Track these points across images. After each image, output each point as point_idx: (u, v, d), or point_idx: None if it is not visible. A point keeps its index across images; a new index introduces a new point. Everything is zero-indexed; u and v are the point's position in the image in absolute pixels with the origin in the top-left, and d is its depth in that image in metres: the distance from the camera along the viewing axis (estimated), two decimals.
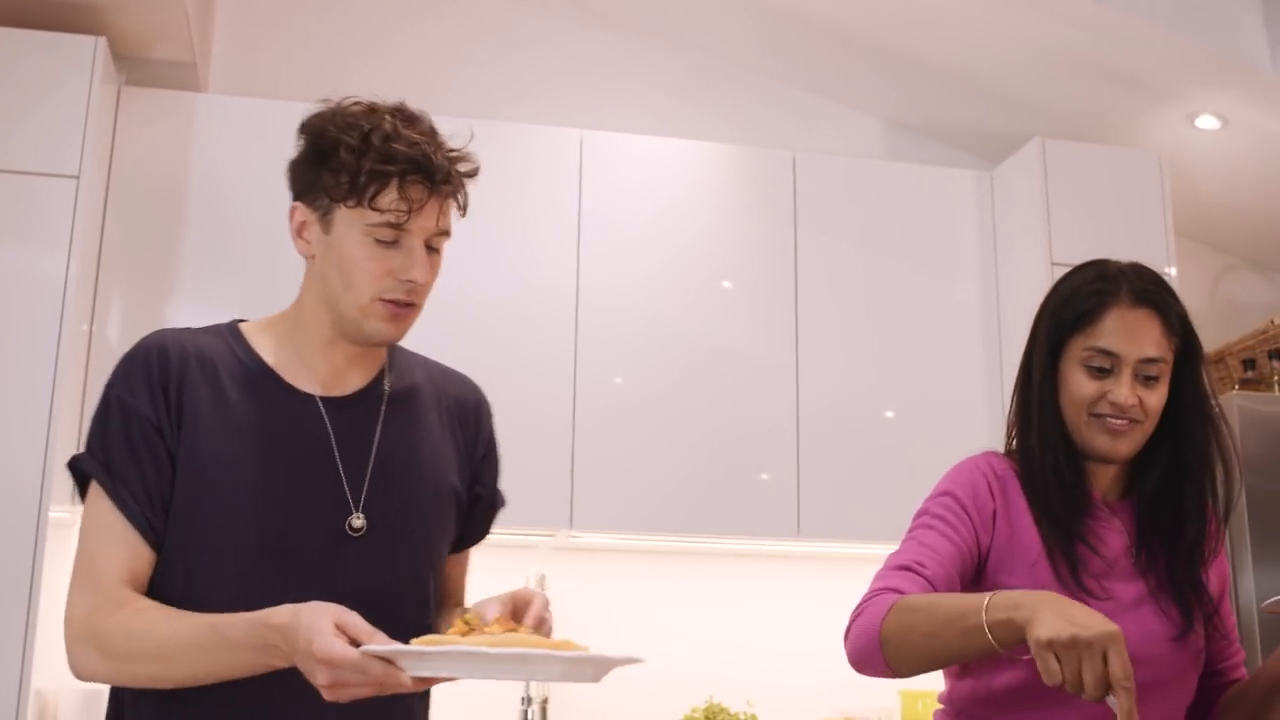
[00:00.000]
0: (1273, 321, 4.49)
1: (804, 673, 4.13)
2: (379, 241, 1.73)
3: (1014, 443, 2.04)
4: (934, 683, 2.05)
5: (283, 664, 1.51)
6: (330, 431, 1.78)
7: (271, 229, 3.78)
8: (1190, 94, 4.24)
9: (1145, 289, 1.96)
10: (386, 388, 1.87)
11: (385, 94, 4.38)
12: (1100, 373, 1.93)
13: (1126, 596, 1.92)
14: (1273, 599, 1.91)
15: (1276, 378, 4.34)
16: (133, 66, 3.88)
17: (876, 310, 4.20)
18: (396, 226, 1.72)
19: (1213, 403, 1.99)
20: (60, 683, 3.54)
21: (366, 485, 1.78)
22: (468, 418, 1.95)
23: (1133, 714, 1.50)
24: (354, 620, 1.46)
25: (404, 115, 1.79)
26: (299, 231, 1.83)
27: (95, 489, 1.71)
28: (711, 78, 4.68)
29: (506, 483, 2.00)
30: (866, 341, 4.17)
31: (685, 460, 3.93)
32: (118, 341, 3.65)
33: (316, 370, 1.82)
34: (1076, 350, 1.96)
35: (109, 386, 1.75)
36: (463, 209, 1.82)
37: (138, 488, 1.69)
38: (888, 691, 3.92)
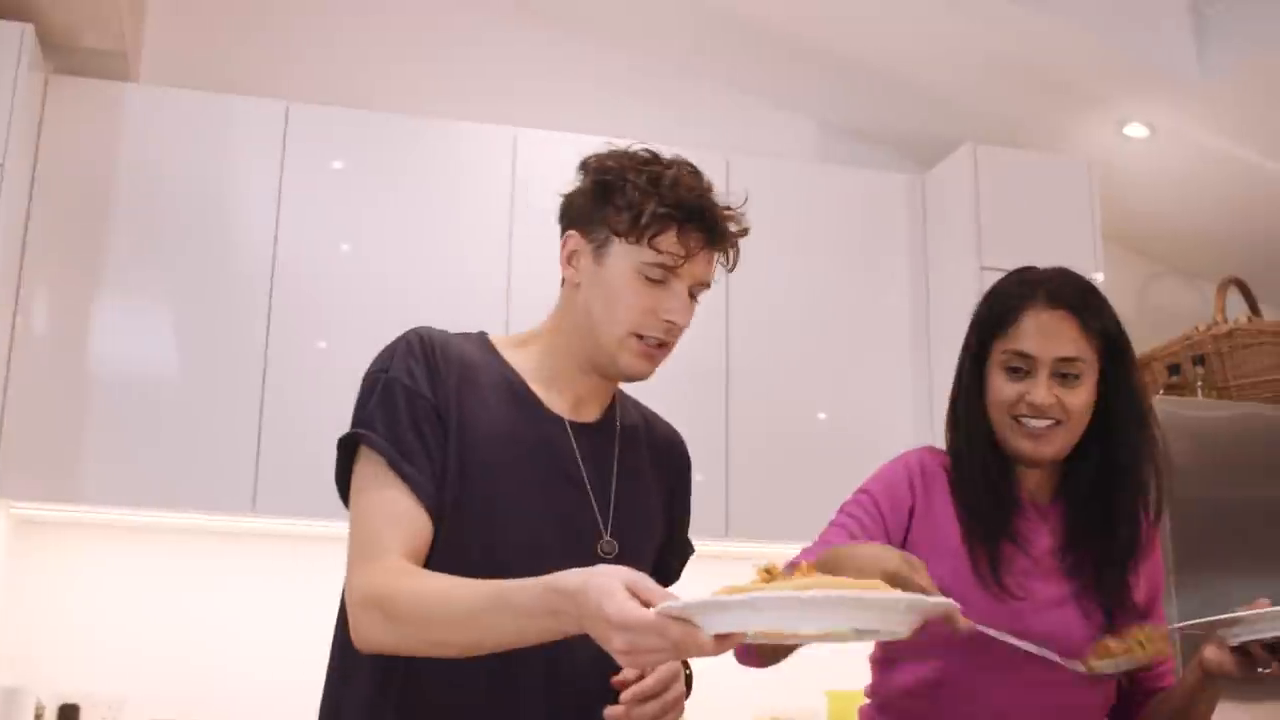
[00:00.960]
0: (1197, 328, 4.55)
1: (732, 672, 4.13)
2: (649, 280, 1.81)
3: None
4: (861, 682, 2.06)
5: (572, 630, 1.46)
6: (579, 455, 1.86)
7: (201, 222, 3.75)
8: (1119, 102, 4.29)
9: (1061, 291, 1.99)
10: (619, 422, 1.96)
11: (318, 87, 4.36)
12: (1018, 374, 1.96)
13: (1046, 595, 1.93)
14: (1186, 623, 1.92)
15: (1199, 383, 4.40)
16: (61, 55, 3.82)
17: (808, 312, 4.21)
18: (669, 268, 1.80)
19: (1144, 405, 2.01)
20: None
21: (613, 510, 1.85)
22: (675, 465, 2.05)
23: None
24: (646, 582, 1.40)
25: (690, 168, 1.87)
26: (569, 259, 1.88)
27: (374, 465, 1.74)
28: (648, 78, 4.68)
29: None
30: (798, 343, 4.18)
31: None
32: (44, 332, 3.60)
33: (564, 394, 1.90)
34: (997, 353, 2.00)
35: (381, 370, 1.81)
36: (731, 266, 1.91)
37: (424, 465, 1.73)
38: (814, 691, 3.94)
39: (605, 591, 1.38)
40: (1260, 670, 1.80)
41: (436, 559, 1.73)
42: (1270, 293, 4.95)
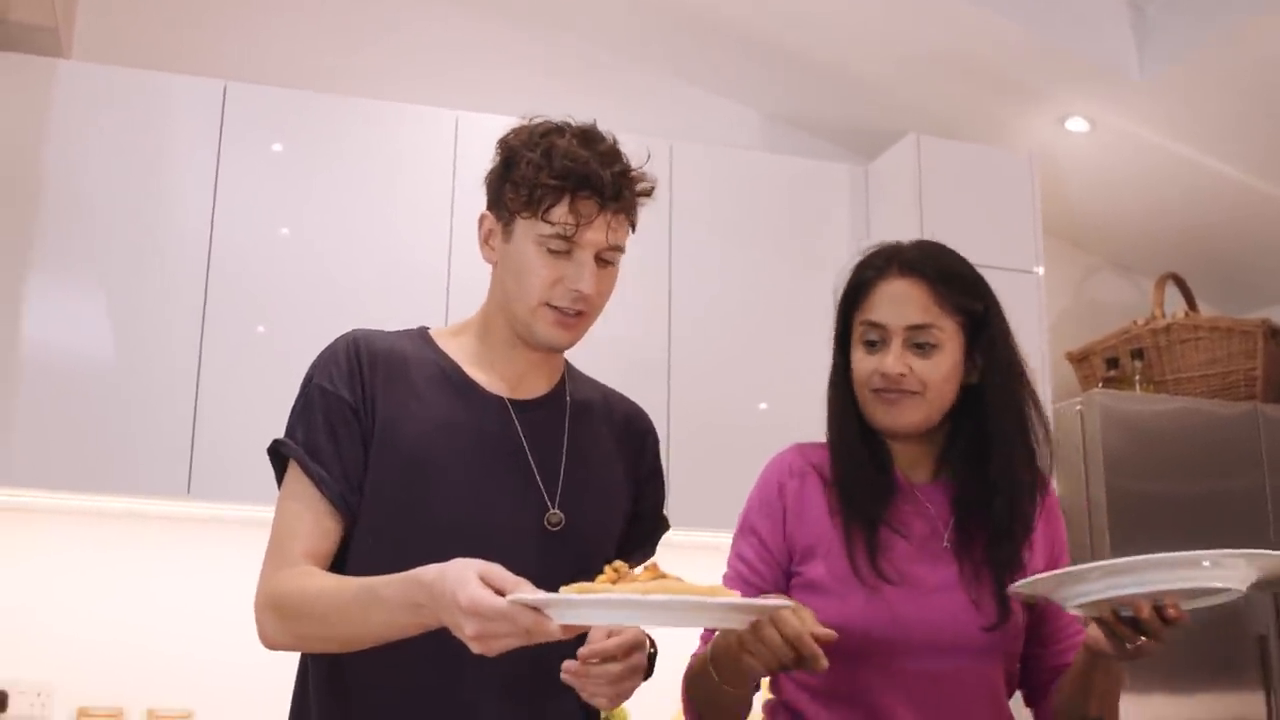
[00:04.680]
0: (1135, 322, 4.59)
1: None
2: (551, 251, 1.82)
3: None
4: None
5: (433, 623, 1.52)
6: (520, 432, 1.88)
7: (136, 203, 3.69)
8: (1060, 97, 4.32)
9: (915, 260, 1.96)
10: (569, 396, 1.99)
11: (257, 67, 4.29)
12: (873, 346, 1.95)
13: (932, 581, 1.88)
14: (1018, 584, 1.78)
15: (1137, 377, 4.44)
16: None
17: (750, 301, 4.20)
18: (566, 238, 1.81)
19: (1016, 373, 1.96)
20: None
21: (561, 483, 1.88)
22: (635, 439, 2.06)
23: None
24: (498, 571, 1.46)
25: (584, 134, 1.87)
26: (486, 239, 1.93)
27: (293, 469, 1.81)
28: (591, 64, 4.65)
29: None
30: (740, 333, 4.17)
31: None
32: None
33: (502, 373, 1.93)
34: (856, 327, 1.99)
35: (308, 379, 1.87)
36: (632, 226, 1.90)
37: (334, 466, 1.79)
38: None
39: (459, 580, 1.45)
40: (1128, 646, 1.70)
41: (379, 549, 1.77)
42: (1207, 288, 5.01)
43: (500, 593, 1.44)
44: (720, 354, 4.13)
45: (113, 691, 3.72)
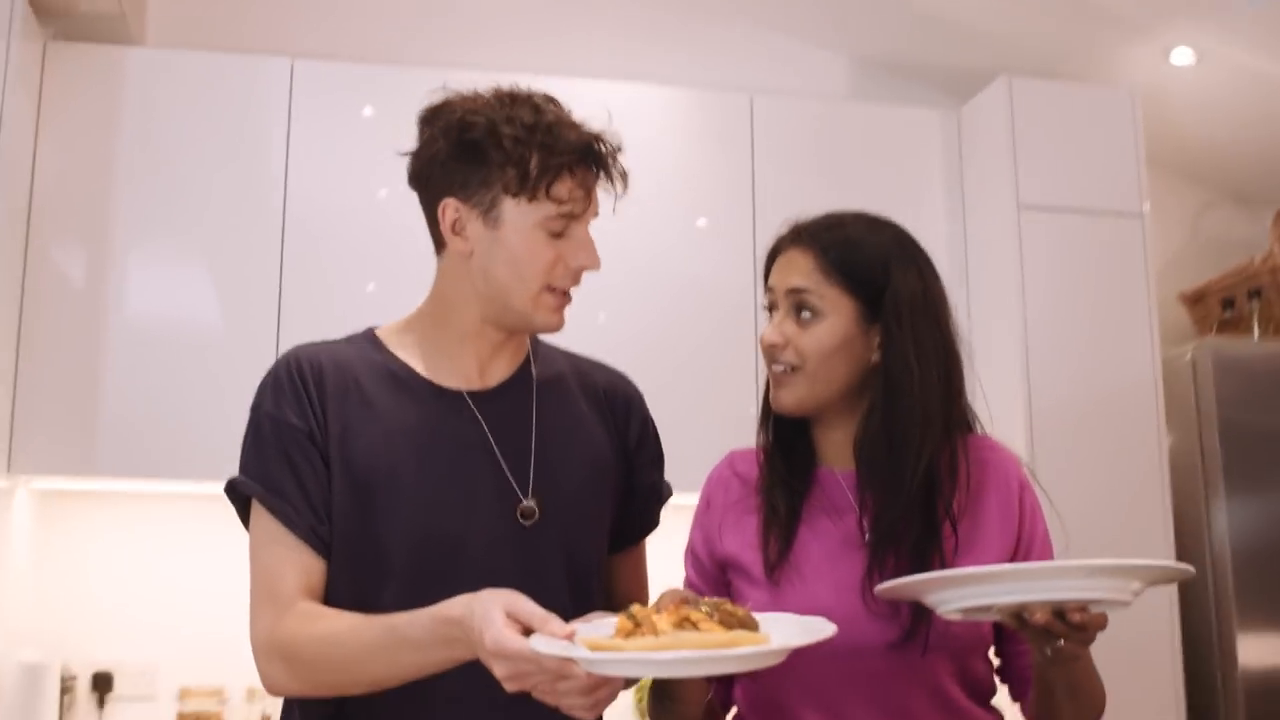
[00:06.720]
0: (1253, 259, 4.39)
1: None
2: (551, 233, 1.71)
3: None
4: None
5: (469, 656, 1.47)
6: (485, 425, 1.77)
7: (206, 185, 3.67)
8: (1164, 28, 4.15)
9: (808, 229, 1.87)
10: (535, 375, 1.86)
11: (330, 44, 4.23)
12: (771, 316, 1.86)
13: (836, 579, 1.77)
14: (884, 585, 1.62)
15: (1256, 318, 4.25)
16: (60, 21, 3.68)
17: None
18: (573, 216, 1.71)
19: (938, 351, 1.82)
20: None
21: (533, 470, 1.77)
22: (618, 406, 1.92)
23: None
24: (526, 606, 1.41)
25: (554, 102, 1.74)
26: (453, 229, 1.75)
27: (257, 508, 1.72)
28: (669, 17, 4.53)
29: None
30: None
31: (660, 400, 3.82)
32: (53, 304, 3.52)
33: (461, 365, 1.81)
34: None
35: (255, 408, 1.77)
36: (625, 187, 1.77)
37: (299, 499, 1.69)
38: None
39: (485, 619, 1.39)
40: (1047, 650, 1.57)
41: (360, 566, 1.70)
42: None
43: (528, 628, 1.39)
44: None
45: (214, 671, 3.77)
